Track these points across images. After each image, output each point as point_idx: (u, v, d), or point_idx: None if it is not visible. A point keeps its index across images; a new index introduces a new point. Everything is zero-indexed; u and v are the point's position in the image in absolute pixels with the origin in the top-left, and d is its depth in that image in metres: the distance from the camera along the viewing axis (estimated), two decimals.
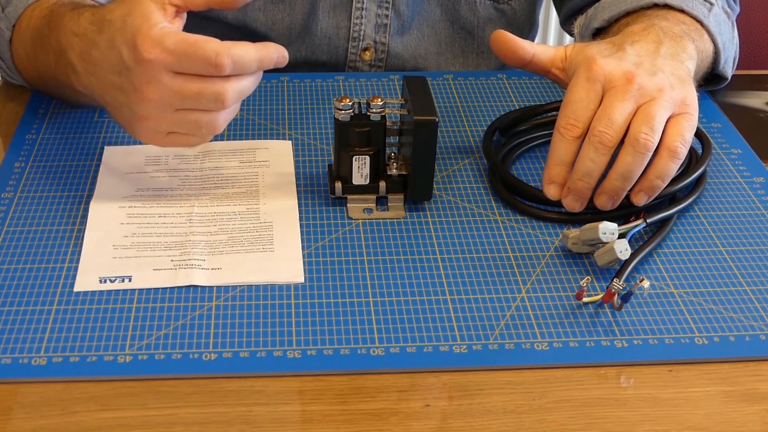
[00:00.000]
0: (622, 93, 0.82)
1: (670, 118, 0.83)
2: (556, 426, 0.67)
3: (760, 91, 1.09)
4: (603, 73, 0.83)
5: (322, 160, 0.93)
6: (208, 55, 0.75)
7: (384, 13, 1.12)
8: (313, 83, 1.06)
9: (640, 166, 0.82)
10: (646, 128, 0.81)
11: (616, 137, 0.82)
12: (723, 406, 0.69)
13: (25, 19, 0.94)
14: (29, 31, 0.93)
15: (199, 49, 0.76)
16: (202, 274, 0.78)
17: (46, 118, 0.98)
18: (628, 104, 0.82)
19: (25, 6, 0.94)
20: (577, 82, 0.84)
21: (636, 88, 0.83)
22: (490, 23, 1.17)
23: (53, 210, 0.85)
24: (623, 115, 0.82)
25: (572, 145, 0.83)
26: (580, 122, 0.83)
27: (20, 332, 0.72)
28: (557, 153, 0.84)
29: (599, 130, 0.81)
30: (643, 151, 0.81)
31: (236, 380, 0.70)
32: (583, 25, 1.05)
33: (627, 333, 0.74)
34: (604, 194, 0.84)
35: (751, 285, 0.79)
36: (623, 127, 0.82)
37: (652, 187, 0.83)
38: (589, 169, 0.82)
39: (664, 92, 0.83)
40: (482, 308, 0.76)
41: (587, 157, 0.82)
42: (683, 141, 0.83)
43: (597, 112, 0.83)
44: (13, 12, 0.95)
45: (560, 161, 0.84)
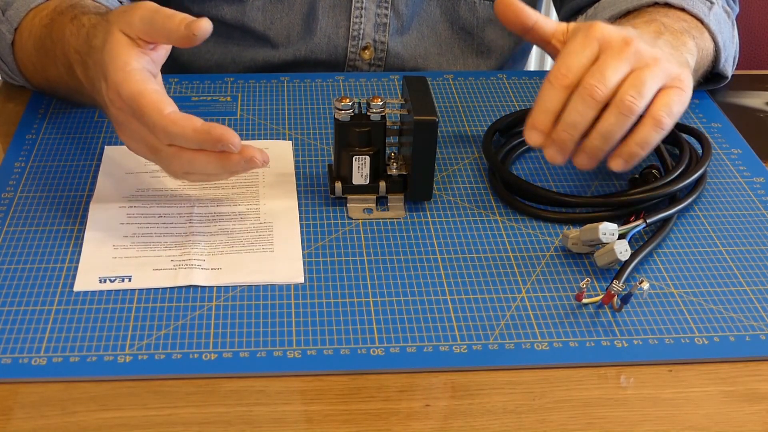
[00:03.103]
0: (618, 53, 0.81)
1: (661, 89, 0.82)
2: (556, 426, 0.67)
3: (760, 91, 1.09)
4: (602, 34, 0.82)
5: (322, 160, 0.93)
6: (148, 122, 0.76)
7: (383, 13, 1.12)
8: (313, 83, 1.06)
9: (621, 129, 0.80)
10: (633, 91, 0.80)
11: (607, 93, 0.80)
12: (723, 406, 0.69)
13: (27, 26, 0.94)
14: (32, 41, 0.93)
15: (143, 113, 0.76)
16: (202, 274, 0.78)
17: (46, 118, 0.98)
18: (622, 65, 0.81)
19: (26, 10, 0.94)
20: (574, 40, 0.83)
21: (633, 52, 0.81)
22: (490, 24, 1.17)
23: (53, 210, 0.85)
24: (616, 74, 0.81)
25: (561, 94, 0.81)
26: (572, 73, 0.81)
27: (20, 332, 0.72)
28: (544, 100, 0.82)
29: (590, 83, 0.80)
30: (626, 113, 0.80)
31: (236, 380, 0.70)
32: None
33: (627, 333, 0.74)
34: (583, 153, 0.82)
35: (751, 285, 0.80)
36: (615, 86, 0.80)
37: (630, 154, 0.82)
38: (574, 121, 0.80)
39: (659, 62, 0.82)
40: (482, 308, 0.76)
41: (575, 108, 0.81)
42: (669, 112, 0.81)
43: (591, 67, 0.81)
44: (14, 15, 0.94)
45: (546, 109, 0.82)
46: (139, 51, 0.78)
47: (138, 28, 0.78)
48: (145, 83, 0.77)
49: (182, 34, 0.76)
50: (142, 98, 0.76)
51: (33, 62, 0.94)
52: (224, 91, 1.04)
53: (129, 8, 0.79)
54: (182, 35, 0.77)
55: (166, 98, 0.76)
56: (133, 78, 0.77)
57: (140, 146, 0.80)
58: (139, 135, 0.78)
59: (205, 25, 0.77)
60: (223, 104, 1.01)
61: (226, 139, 0.75)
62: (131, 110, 0.77)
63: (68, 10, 0.89)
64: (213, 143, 0.75)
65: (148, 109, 0.75)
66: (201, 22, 0.77)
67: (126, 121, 0.78)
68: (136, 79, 0.77)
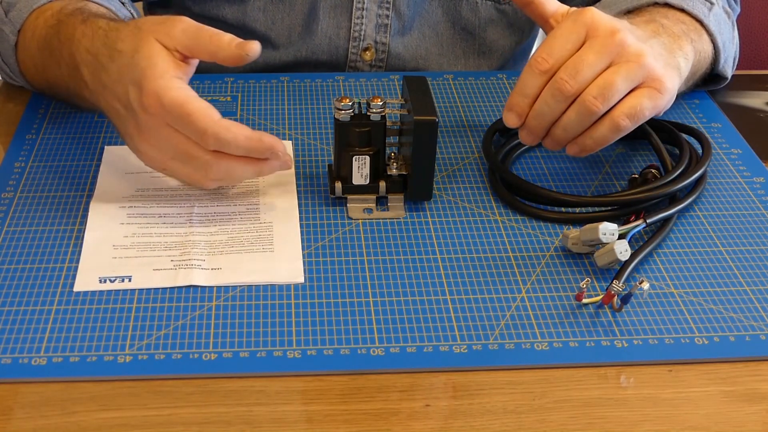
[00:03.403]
0: (600, 46, 0.81)
1: (637, 88, 0.83)
2: (556, 426, 0.67)
3: (760, 91, 1.09)
4: (591, 19, 0.82)
5: (322, 160, 0.93)
6: (197, 128, 0.77)
7: (385, 14, 1.12)
8: (313, 83, 1.06)
9: (581, 126, 0.82)
10: (597, 93, 0.81)
11: (576, 89, 0.81)
12: (723, 406, 0.69)
13: (30, 27, 0.93)
14: (35, 41, 0.92)
15: (191, 120, 0.77)
16: (202, 274, 0.78)
17: (46, 118, 0.98)
18: (601, 60, 0.81)
19: (29, 10, 0.94)
20: (564, 23, 0.83)
21: (616, 44, 0.81)
22: (491, 24, 1.17)
23: (53, 210, 0.85)
24: (592, 71, 0.81)
25: (537, 80, 0.82)
26: (552, 59, 0.82)
27: (20, 332, 0.72)
28: (522, 84, 0.83)
29: (562, 78, 0.81)
30: (586, 113, 0.81)
31: (236, 380, 0.70)
32: None
33: (627, 333, 0.74)
34: (549, 138, 0.85)
35: (751, 285, 0.80)
36: (586, 82, 0.81)
37: (585, 146, 0.84)
38: (542, 111, 0.83)
39: (642, 58, 0.82)
40: (482, 308, 0.76)
41: (544, 100, 0.82)
42: (632, 115, 0.82)
43: (570, 58, 0.82)
44: (17, 16, 0.94)
45: (522, 92, 0.83)
46: (177, 62, 0.79)
47: (179, 40, 0.79)
48: (187, 90, 0.78)
49: (233, 53, 0.78)
50: (190, 105, 0.77)
51: (35, 63, 0.94)
52: (224, 91, 1.04)
53: (166, 20, 0.80)
54: (233, 54, 0.79)
55: (211, 105, 0.78)
56: (176, 85, 0.78)
57: (165, 154, 0.80)
58: (170, 143, 0.79)
59: (256, 47, 0.79)
60: (223, 104, 1.01)
61: (277, 148, 0.79)
62: (173, 117, 0.77)
63: (77, 12, 0.89)
64: (262, 152, 0.79)
65: (199, 115, 0.77)
66: (253, 44, 0.79)
67: (156, 127, 0.79)
68: (177, 86, 0.78)
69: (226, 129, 0.77)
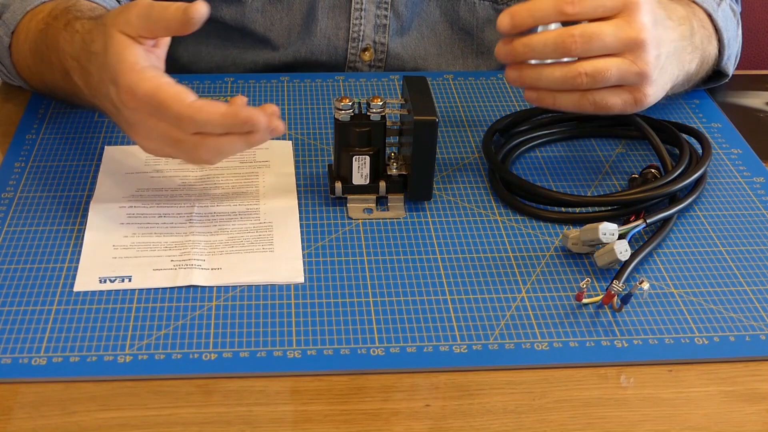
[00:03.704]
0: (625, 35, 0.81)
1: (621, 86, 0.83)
2: (556, 426, 0.67)
3: (760, 91, 1.09)
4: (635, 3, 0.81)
5: (322, 160, 0.93)
6: (172, 115, 0.76)
7: (383, 14, 1.12)
8: (313, 83, 1.06)
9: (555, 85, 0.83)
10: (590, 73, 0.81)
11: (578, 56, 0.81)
12: (723, 406, 0.69)
13: (23, 30, 0.93)
14: (27, 45, 0.92)
15: (165, 108, 0.76)
16: (202, 274, 0.78)
17: (46, 119, 0.98)
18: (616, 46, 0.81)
19: (23, 12, 0.93)
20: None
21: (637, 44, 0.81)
22: (490, 24, 1.17)
23: (53, 210, 0.85)
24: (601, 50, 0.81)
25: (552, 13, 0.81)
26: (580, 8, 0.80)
27: (20, 332, 0.72)
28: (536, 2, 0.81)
29: (574, 37, 0.81)
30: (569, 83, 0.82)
31: (236, 380, 0.70)
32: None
33: (627, 333, 0.74)
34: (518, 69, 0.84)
35: (751, 285, 0.79)
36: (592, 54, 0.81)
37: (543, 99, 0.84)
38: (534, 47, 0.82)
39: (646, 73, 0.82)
40: (482, 308, 0.76)
41: (543, 38, 0.81)
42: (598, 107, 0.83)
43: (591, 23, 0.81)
44: (11, 18, 0.94)
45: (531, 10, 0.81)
46: (144, 49, 0.78)
47: (137, 25, 0.78)
48: (159, 78, 0.77)
49: (180, 20, 0.76)
50: (161, 92, 0.76)
51: (29, 67, 0.94)
52: (224, 91, 1.04)
53: (123, 9, 0.79)
54: (180, 21, 0.76)
55: (184, 89, 0.76)
56: (146, 75, 0.77)
57: (158, 143, 0.79)
58: (158, 131, 0.78)
59: (200, 8, 0.76)
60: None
61: (254, 120, 0.75)
62: (150, 107, 0.76)
63: (63, 14, 0.88)
64: (240, 126, 0.76)
65: (171, 102, 0.75)
66: (196, 6, 0.76)
67: (141, 120, 0.78)
68: (149, 76, 0.77)
69: (198, 110, 0.75)
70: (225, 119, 0.75)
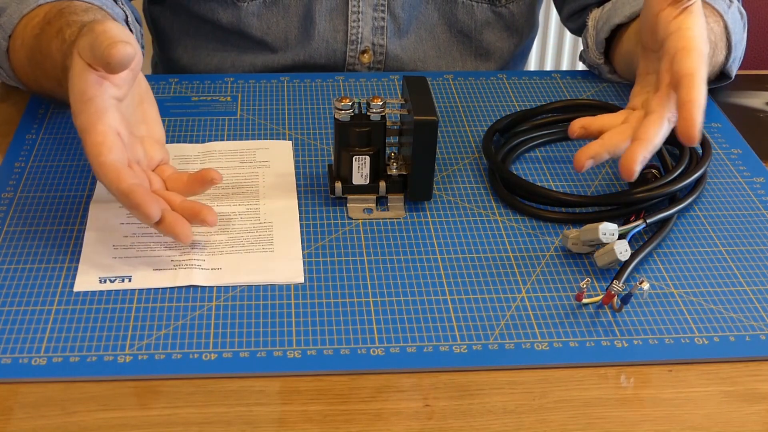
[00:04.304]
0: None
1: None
2: (556, 426, 0.67)
3: (760, 91, 1.09)
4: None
5: (322, 160, 0.93)
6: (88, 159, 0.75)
7: (380, 16, 1.12)
8: (312, 83, 1.06)
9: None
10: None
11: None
12: (723, 406, 0.69)
13: (20, 35, 0.92)
14: (24, 51, 0.92)
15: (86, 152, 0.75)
16: (202, 274, 0.78)
17: (46, 119, 0.98)
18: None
19: (20, 16, 0.92)
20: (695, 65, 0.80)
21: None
22: (488, 26, 1.17)
23: (53, 210, 0.85)
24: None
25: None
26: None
27: (20, 332, 0.72)
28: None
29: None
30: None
31: (236, 380, 0.70)
32: (600, 18, 1.04)
33: (627, 333, 0.74)
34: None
35: (751, 285, 0.79)
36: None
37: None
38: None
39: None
40: (482, 308, 0.76)
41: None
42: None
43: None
44: (7, 22, 0.93)
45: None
46: (95, 77, 0.76)
47: (86, 53, 0.76)
48: (97, 118, 0.75)
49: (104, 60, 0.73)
50: (87, 136, 0.75)
51: (27, 72, 0.94)
52: (224, 91, 1.04)
53: (88, 29, 0.77)
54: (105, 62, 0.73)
55: (110, 140, 0.75)
56: (88, 110, 0.75)
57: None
58: None
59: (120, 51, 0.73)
60: (223, 104, 1.01)
61: (142, 209, 0.74)
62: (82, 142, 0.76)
63: (56, 19, 0.87)
64: (130, 208, 0.75)
65: (89, 149, 0.75)
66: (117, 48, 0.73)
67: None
68: (89, 112, 0.75)
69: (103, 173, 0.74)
70: (119, 194, 0.74)
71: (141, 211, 0.74)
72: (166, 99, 1.02)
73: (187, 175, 0.82)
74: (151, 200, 0.74)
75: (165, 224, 0.76)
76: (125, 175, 0.74)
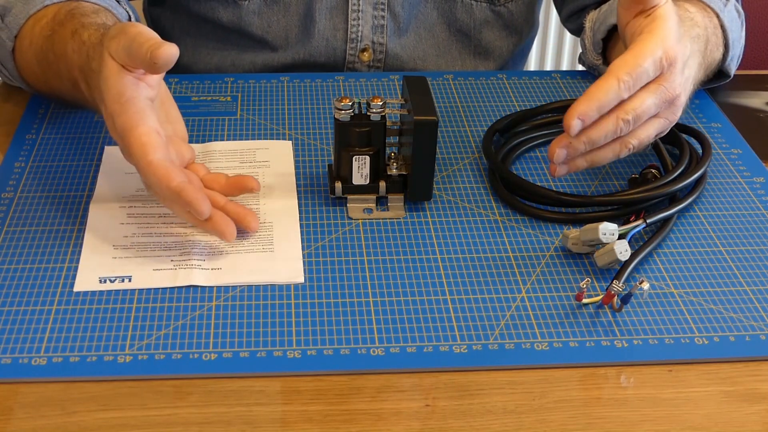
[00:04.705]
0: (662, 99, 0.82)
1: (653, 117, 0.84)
2: (556, 426, 0.67)
3: (760, 91, 1.09)
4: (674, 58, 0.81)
5: (322, 160, 0.93)
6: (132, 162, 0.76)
7: (380, 15, 1.12)
8: (313, 83, 1.06)
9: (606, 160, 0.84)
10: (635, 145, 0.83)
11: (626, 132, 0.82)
12: (723, 406, 0.69)
13: (27, 34, 0.92)
14: (32, 51, 0.92)
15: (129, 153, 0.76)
16: (201, 274, 0.78)
17: (46, 119, 0.98)
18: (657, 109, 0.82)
19: (26, 16, 0.92)
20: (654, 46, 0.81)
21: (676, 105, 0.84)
22: (487, 25, 1.17)
23: (53, 210, 0.85)
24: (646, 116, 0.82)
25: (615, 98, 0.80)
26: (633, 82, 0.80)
27: (20, 332, 0.72)
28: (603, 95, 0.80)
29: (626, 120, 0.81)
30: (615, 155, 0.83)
31: (236, 380, 0.70)
32: (597, 19, 1.04)
33: (627, 333, 0.74)
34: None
35: (751, 285, 0.79)
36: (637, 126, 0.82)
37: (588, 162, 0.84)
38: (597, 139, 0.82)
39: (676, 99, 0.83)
40: (482, 308, 0.76)
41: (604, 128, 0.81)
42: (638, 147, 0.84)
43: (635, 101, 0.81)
44: (13, 22, 0.93)
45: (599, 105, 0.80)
46: (132, 78, 0.77)
47: (120, 55, 0.76)
48: (139, 119, 0.75)
49: (147, 62, 0.74)
50: (131, 137, 0.75)
51: (35, 72, 0.94)
52: (224, 91, 1.04)
53: (118, 32, 0.77)
54: (148, 63, 0.74)
55: (154, 140, 0.75)
56: (128, 111, 0.76)
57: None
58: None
59: (165, 52, 0.74)
60: (223, 104, 1.01)
61: (194, 206, 0.75)
62: (120, 144, 0.77)
63: (68, 20, 0.87)
64: (182, 206, 0.76)
65: (134, 149, 0.75)
66: (162, 49, 0.74)
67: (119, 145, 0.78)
68: (130, 113, 0.75)
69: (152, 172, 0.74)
70: (169, 192, 0.75)
71: (194, 207, 0.75)
72: None
73: (225, 177, 0.83)
74: (202, 197, 0.75)
75: (213, 222, 0.77)
76: (174, 173, 0.75)
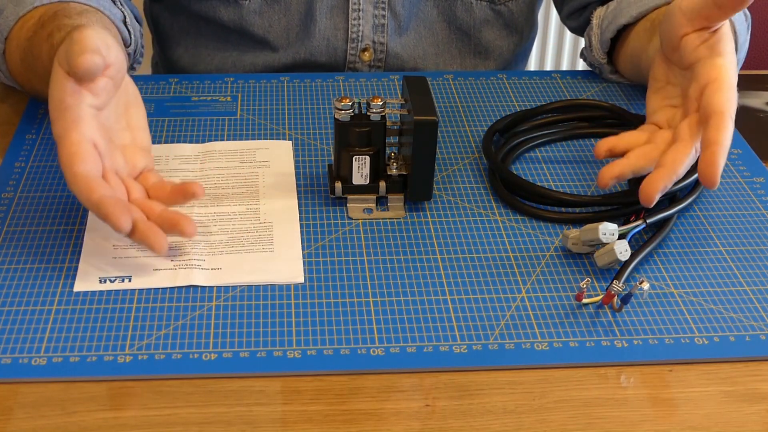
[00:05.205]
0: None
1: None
2: (556, 426, 0.67)
3: (760, 91, 1.09)
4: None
5: (322, 160, 0.93)
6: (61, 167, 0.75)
7: (381, 14, 1.12)
8: (313, 83, 1.06)
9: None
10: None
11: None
12: (723, 406, 0.69)
13: (15, 36, 0.92)
14: (18, 53, 0.92)
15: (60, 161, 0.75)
16: (201, 274, 0.78)
17: (46, 118, 0.98)
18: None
19: (16, 18, 0.92)
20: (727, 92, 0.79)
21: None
22: (487, 24, 1.17)
23: (53, 210, 0.85)
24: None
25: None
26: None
27: (20, 332, 0.72)
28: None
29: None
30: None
31: (236, 380, 0.70)
32: (605, 17, 1.04)
33: (627, 333, 0.74)
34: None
35: (751, 285, 0.79)
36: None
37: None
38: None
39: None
40: (482, 308, 0.76)
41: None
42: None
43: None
44: (4, 24, 0.93)
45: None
46: (73, 85, 0.76)
47: (62, 61, 0.76)
48: (73, 127, 0.75)
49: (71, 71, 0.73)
50: (62, 145, 0.74)
51: (21, 74, 0.94)
52: (224, 91, 1.04)
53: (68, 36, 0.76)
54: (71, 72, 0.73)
55: (84, 150, 0.74)
56: (65, 118, 0.75)
57: None
58: None
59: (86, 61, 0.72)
60: (223, 104, 1.01)
61: (111, 221, 0.73)
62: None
63: (49, 22, 0.87)
64: (101, 219, 0.74)
65: (62, 158, 0.74)
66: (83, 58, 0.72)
67: None
68: (67, 120, 0.75)
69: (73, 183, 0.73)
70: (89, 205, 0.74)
71: (110, 222, 0.73)
72: (166, 99, 1.02)
73: (170, 185, 0.80)
74: (120, 211, 0.73)
75: (137, 234, 0.75)
76: (96, 186, 0.74)
